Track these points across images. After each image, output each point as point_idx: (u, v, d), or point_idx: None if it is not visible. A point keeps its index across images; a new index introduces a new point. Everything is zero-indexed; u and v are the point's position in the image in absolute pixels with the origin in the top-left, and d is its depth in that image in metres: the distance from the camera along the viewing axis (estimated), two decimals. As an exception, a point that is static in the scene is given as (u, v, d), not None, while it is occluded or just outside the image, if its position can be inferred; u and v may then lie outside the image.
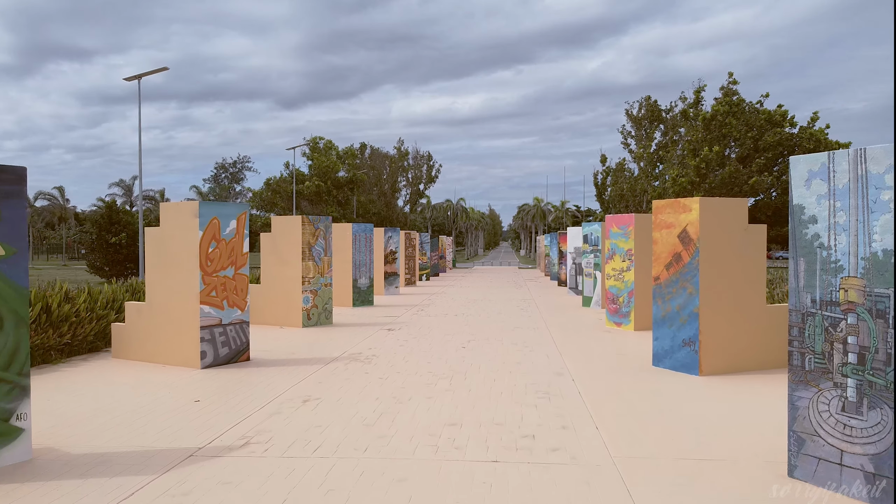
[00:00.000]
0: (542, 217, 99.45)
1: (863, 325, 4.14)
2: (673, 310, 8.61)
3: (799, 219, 4.51)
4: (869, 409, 4.11)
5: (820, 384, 4.40)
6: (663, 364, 8.72)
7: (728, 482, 4.50)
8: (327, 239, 13.60)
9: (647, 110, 31.51)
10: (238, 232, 9.16)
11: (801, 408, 4.51)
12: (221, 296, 8.94)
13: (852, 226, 4.20)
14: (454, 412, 6.35)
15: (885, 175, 4.01)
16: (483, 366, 8.77)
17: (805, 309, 4.49)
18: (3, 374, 4.88)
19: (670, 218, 8.68)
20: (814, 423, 4.42)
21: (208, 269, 8.75)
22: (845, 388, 4.24)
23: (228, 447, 5.27)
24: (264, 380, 7.89)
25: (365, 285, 17.67)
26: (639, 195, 31.08)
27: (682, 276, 8.48)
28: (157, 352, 9.03)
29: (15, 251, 4.96)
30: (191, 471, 4.73)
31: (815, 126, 24.76)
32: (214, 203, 8.94)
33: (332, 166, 45.22)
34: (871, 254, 4.10)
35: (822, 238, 4.38)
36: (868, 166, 4.12)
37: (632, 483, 4.48)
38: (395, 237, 22.15)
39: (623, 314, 12.86)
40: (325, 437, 5.52)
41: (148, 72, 21.03)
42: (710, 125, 24.24)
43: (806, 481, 4.45)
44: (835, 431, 4.29)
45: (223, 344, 8.97)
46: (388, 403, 6.70)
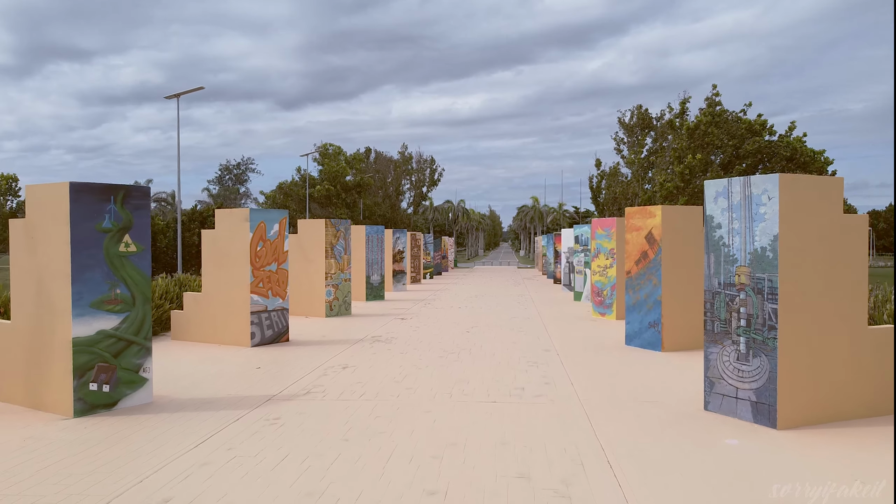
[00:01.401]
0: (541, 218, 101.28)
1: (749, 299, 5.95)
2: (641, 298, 10.41)
3: (710, 225, 6.32)
4: (753, 357, 5.92)
5: (723, 342, 6.20)
6: (633, 343, 10.52)
7: (659, 413, 6.30)
8: (347, 239, 15.42)
9: (638, 118, 33.48)
10: (280, 234, 10.97)
11: (712, 359, 6.32)
12: (267, 287, 10.75)
13: (743, 230, 6.01)
14: (462, 374, 8.16)
15: (762, 195, 5.82)
16: (484, 345, 10.58)
17: (714, 289, 6.30)
18: (134, 337, 6.68)
19: (639, 222, 10.49)
20: (720, 370, 6.23)
21: (257, 265, 10.56)
22: (739, 343, 6.05)
23: (295, 394, 7.08)
24: (306, 354, 9.70)
25: (377, 281, 19.47)
26: (631, 198, 32.95)
27: (648, 270, 10.29)
28: (212, 334, 10.82)
29: (142, 248, 6.76)
30: (273, 407, 6.53)
31: (793, 135, 26.62)
32: (261, 210, 10.75)
33: (342, 171, 47.41)
34: (754, 249, 5.91)
35: (725, 239, 6.19)
36: (752, 189, 5.93)
37: (592, 415, 6.27)
38: (403, 238, 23.95)
39: (607, 305, 14.66)
40: (365, 389, 7.33)
41: (186, 91, 22.88)
42: (693, 134, 26.17)
43: (715, 412, 6.25)
44: (732, 375, 6.10)
45: (268, 327, 10.77)
46: (410, 369, 8.50)
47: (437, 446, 5.24)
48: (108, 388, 6.45)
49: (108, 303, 6.46)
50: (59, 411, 6.28)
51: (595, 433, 5.62)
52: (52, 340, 6.35)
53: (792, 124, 26.44)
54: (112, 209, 6.49)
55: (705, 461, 4.90)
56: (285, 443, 5.35)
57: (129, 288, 6.62)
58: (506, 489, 4.33)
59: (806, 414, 5.82)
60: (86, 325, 6.30)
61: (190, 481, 4.49)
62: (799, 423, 5.78)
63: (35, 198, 6.52)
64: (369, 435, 5.57)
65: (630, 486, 4.37)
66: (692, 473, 4.63)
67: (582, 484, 4.43)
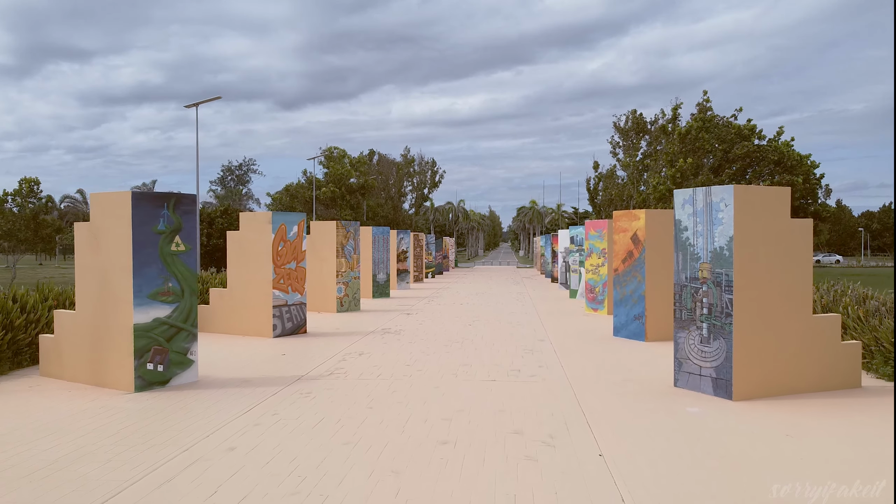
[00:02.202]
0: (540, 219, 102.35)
1: (710, 291, 7.01)
2: (627, 293, 11.47)
3: (678, 228, 7.38)
4: (713, 340, 6.98)
5: (689, 328, 7.26)
6: (620, 334, 11.58)
7: (635, 389, 7.36)
8: (356, 240, 16.48)
9: (633, 123, 34.62)
10: (298, 235, 12.03)
11: (680, 343, 7.38)
12: (287, 283, 11.81)
13: (705, 233, 7.07)
14: (465, 359, 9.22)
15: (720, 203, 6.88)
16: (485, 335, 11.64)
17: (682, 283, 7.37)
18: (183, 325, 7.74)
19: (625, 224, 11.55)
20: (686, 351, 7.29)
21: (278, 263, 11.62)
22: (702, 329, 7.11)
23: (321, 375, 8.14)
24: (324, 344, 10.76)
25: (383, 280, 20.54)
26: (626, 200, 34.07)
27: (633, 267, 11.35)
28: (236, 326, 11.88)
29: (190, 248, 7.82)
30: (304, 384, 7.59)
31: (781, 139, 27.71)
32: (282, 213, 11.81)
33: (346, 173, 48.80)
34: (713, 249, 6.97)
35: (690, 239, 7.25)
36: (712, 197, 6.99)
37: (577, 391, 7.32)
38: (407, 238, 25.02)
39: (599, 301, 15.72)
40: (381, 371, 8.38)
41: (204, 100, 24.00)
42: (685, 139, 27.32)
43: (683, 388, 7.31)
44: (697, 355, 7.16)
45: (288, 320, 11.83)
46: (418, 355, 9.56)
47: (446, 412, 6.30)
48: (162, 367, 7.51)
49: (162, 294, 7.52)
50: (120, 387, 7.34)
51: (579, 403, 6.68)
52: (115, 327, 7.40)
53: (780, 129, 27.54)
54: (165, 214, 7.55)
55: (669, 424, 5.96)
56: (320, 409, 6.42)
57: (179, 282, 7.68)
58: (503, 441, 5.39)
59: (757, 388, 6.88)
60: (144, 313, 7.36)
61: (247, 436, 5.55)
62: (751, 395, 6.84)
63: (99, 204, 7.57)
64: (389, 404, 6.63)
65: (603, 439, 5.43)
66: (656, 432, 5.69)
67: (565, 437, 5.49)
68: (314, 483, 4.45)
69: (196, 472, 4.67)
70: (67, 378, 7.85)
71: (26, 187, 54.24)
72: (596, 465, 4.82)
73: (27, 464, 4.85)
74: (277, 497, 4.21)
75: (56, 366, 8.03)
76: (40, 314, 9.25)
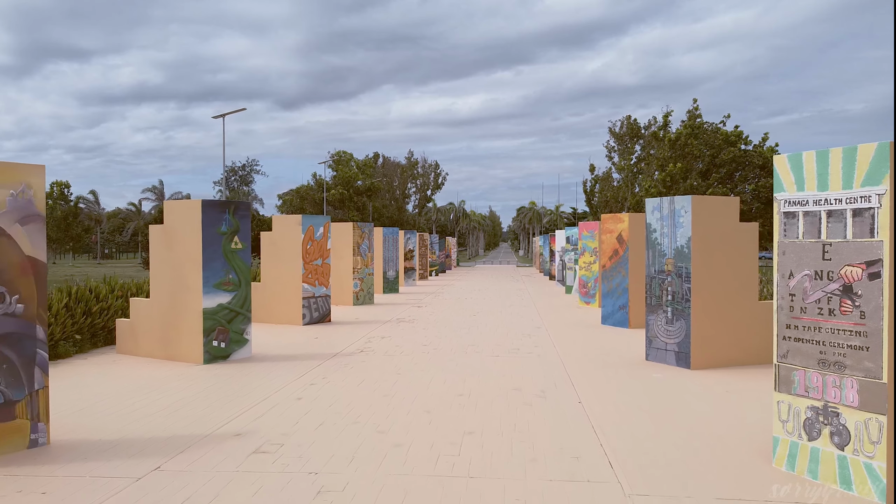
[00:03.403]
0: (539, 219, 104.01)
1: (674, 281, 8.62)
2: (613, 286, 13.09)
3: (649, 230, 9.00)
4: (676, 321, 8.59)
5: (657, 312, 8.87)
6: (607, 322, 13.19)
7: (614, 362, 8.97)
8: (370, 240, 18.09)
9: (627, 128, 36.34)
10: (324, 235, 13.64)
11: (651, 324, 8.99)
12: (314, 278, 13.42)
13: (669, 234, 8.68)
14: (472, 341, 10.83)
15: (681, 210, 8.50)
16: (488, 323, 13.26)
17: (651, 275, 8.98)
18: (240, 310, 9.35)
19: (612, 226, 13.17)
20: (655, 331, 8.90)
21: (306, 260, 13.23)
22: (668, 312, 8.72)
23: (353, 352, 9.75)
24: (349, 330, 12.37)
25: (392, 276, 22.15)
26: (621, 201, 35.76)
27: (618, 264, 12.96)
28: (268, 315, 13.48)
29: (245, 246, 9.42)
30: (340, 359, 9.20)
31: (766, 145, 29.39)
32: (310, 216, 13.42)
33: (353, 176, 50.77)
34: (676, 247, 8.58)
35: (658, 239, 8.87)
36: (675, 206, 8.61)
37: (566, 363, 8.93)
38: (413, 238, 26.64)
39: (591, 295, 17.34)
40: (403, 349, 10.00)
41: (230, 111, 25.75)
42: (675, 145, 29.06)
43: (652, 361, 8.92)
44: (663, 334, 8.77)
45: (315, 310, 13.45)
46: (432, 338, 11.17)
47: (459, 376, 7.91)
48: (224, 344, 9.12)
49: (224, 284, 9.13)
50: (190, 360, 8.94)
51: (566, 371, 8.30)
52: (187, 311, 9.01)
53: (765, 136, 29.23)
54: (227, 218, 9.16)
55: (636, 385, 7.57)
56: (359, 375, 8.03)
57: (237, 274, 9.29)
58: (506, 394, 7.00)
59: (711, 359, 8.49)
60: (210, 300, 8.97)
61: (309, 390, 7.16)
62: (706, 365, 8.45)
63: (172, 210, 9.18)
64: (413, 371, 8.25)
65: (583, 393, 7.04)
66: (624, 390, 7.30)
67: (553, 392, 7.10)
68: (368, 417, 6.07)
69: (278, 411, 6.29)
70: (142, 354, 9.46)
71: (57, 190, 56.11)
72: (575, 409, 6.43)
73: (147, 408, 6.46)
74: (343, 425, 5.82)
75: (131, 344, 9.63)
76: (110, 303, 10.86)
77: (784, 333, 4.73)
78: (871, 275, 4.17)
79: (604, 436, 5.53)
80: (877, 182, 4.12)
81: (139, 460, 4.91)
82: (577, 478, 4.56)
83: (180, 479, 4.55)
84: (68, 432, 5.62)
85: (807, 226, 4.56)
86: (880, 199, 4.11)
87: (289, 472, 4.67)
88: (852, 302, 4.28)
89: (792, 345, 4.66)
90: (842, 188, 4.33)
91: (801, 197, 4.60)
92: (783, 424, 4.72)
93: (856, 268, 4.25)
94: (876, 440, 4.14)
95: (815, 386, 4.51)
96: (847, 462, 4.29)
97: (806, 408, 4.56)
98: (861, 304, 4.22)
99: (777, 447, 4.77)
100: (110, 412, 6.31)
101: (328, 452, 5.08)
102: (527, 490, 4.34)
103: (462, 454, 5.04)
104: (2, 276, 5.05)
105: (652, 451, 5.14)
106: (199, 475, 4.61)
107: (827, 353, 4.43)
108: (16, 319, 5.13)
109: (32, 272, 5.23)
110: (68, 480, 4.51)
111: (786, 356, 4.71)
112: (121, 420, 6.02)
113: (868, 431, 4.18)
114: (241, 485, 4.44)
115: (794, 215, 4.65)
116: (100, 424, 5.88)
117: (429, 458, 4.94)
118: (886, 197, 4.08)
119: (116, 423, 5.93)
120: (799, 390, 4.61)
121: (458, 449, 5.16)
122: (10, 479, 4.56)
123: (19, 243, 5.17)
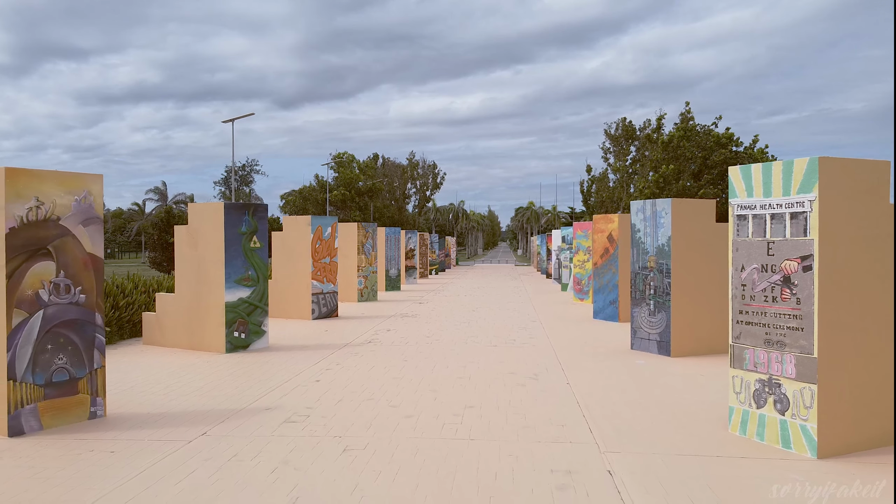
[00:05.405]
0: (537, 219, 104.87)
1: (656, 276, 9.46)
2: (604, 283, 13.91)
3: (633, 230, 9.83)
4: (658, 313, 9.42)
5: (641, 305, 9.71)
6: (598, 317, 14.02)
7: (601, 351, 9.80)
8: (374, 239, 18.91)
9: (623, 130, 37.26)
10: (332, 234, 14.46)
11: (635, 316, 9.82)
12: (323, 275, 14.24)
13: (651, 233, 9.51)
14: (472, 333, 11.66)
15: (662, 211, 9.33)
16: (487, 318, 14.09)
17: (636, 271, 9.81)
18: (259, 303, 10.17)
19: (603, 226, 14.00)
20: (639, 322, 9.73)
21: (316, 258, 14.05)
22: (650, 305, 9.55)
23: (362, 343, 10.57)
24: (356, 324, 13.20)
25: (394, 274, 22.97)
26: (616, 202, 36.62)
27: (609, 262, 13.79)
28: (279, 310, 14.30)
29: (262, 245, 10.25)
30: (351, 348, 10.02)
31: (757, 147, 30.25)
32: (319, 217, 14.24)
33: (355, 177, 51.74)
34: (657, 245, 9.41)
35: (642, 238, 9.70)
36: (657, 207, 9.44)
37: (557, 352, 9.75)
38: (414, 238, 27.46)
39: (584, 292, 18.17)
40: (409, 341, 10.82)
41: (239, 116, 26.55)
42: (667, 147, 29.97)
43: (636, 350, 9.75)
44: (646, 325, 9.60)
45: (323, 305, 14.27)
46: (435, 331, 12.00)
47: (460, 362, 8.74)
48: (244, 336, 9.94)
49: (244, 280, 9.94)
50: (214, 350, 9.75)
51: (557, 358, 9.12)
52: (210, 304, 9.82)
53: (755, 137, 30.08)
54: (246, 219, 9.98)
55: (619, 369, 8.39)
56: (369, 361, 8.86)
57: (256, 270, 10.11)
58: (503, 377, 7.83)
59: (689, 348, 9.32)
60: (232, 294, 9.78)
61: (325, 374, 7.98)
62: (684, 353, 9.28)
63: (196, 212, 9.99)
64: (419, 359, 9.07)
65: (571, 376, 7.86)
66: (609, 374, 8.13)
67: (544, 375, 7.93)
68: (381, 395, 6.90)
69: (300, 391, 7.12)
70: (168, 345, 10.27)
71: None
72: (564, 389, 7.26)
73: (182, 389, 7.28)
74: (359, 401, 6.65)
75: (157, 335, 10.45)
76: (135, 298, 11.68)
77: (737, 318, 5.56)
78: (804, 267, 5.00)
79: (586, 409, 6.36)
80: (808, 190, 4.96)
81: (187, 427, 5.73)
82: (561, 440, 5.39)
83: (225, 441, 5.37)
84: (119, 407, 6.44)
85: (755, 226, 5.39)
86: (811, 205, 4.94)
87: (317, 436, 5.50)
88: (790, 290, 5.11)
89: (744, 328, 5.49)
90: (782, 195, 5.16)
91: (750, 202, 5.43)
92: (737, 396, 5.55)
93: (793, 262, 5.08)
94: (809, 405, 4.97)
95: (762, 362, 5.34)
96: (787, 425, 5.12)
97: (755, 380, 5.39)
98: (797, 292, 5.06)
99: (732, 415, 5.60)
100: (151, 392, 7.13)
101: (349, 421, 5.91)
102: (518, 448, 5.17)
103: (464, 423, 5.86)
104: (67, 270, 5.87)
105: (627, 420, 5.97)
106: (241, 438, 5.44)
107: (771, 333, 5.26)
108: (79, 308, 5.95)
109: (92, 267, 6.05)
110: (130, 443, 5.34)
111: (739, 337, 5.54)
112: (162, 398, 6.84)
113: (803, 398, 5.01)
114: (279, 445, 5.27)
115: (745, 217, 5.48)
116: (145, 400, 6.71)
117: (435, 426, 5.77)
118: (816, 202, 4.91)
119: (159, 400, 6.75)
120: (749, 366, 5.44)
121: (461, 419, 5.99)
122: (81, 441, 5.38)
123: (82, 242, 5.99)
